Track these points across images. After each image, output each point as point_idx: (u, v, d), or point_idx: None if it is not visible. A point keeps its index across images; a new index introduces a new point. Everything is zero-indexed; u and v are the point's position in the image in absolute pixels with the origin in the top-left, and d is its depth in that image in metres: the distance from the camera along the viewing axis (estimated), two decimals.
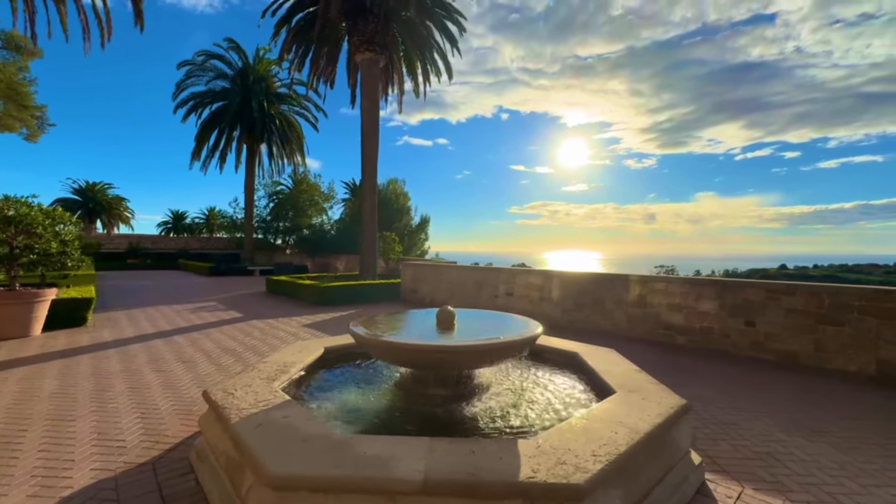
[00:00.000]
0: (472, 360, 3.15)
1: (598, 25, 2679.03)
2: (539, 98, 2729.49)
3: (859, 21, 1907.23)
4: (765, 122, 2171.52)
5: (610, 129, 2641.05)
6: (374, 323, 3.76)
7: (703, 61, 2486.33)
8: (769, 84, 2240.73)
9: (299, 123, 27.53)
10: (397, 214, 27.84)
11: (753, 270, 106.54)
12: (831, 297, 5.52)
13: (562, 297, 8.69)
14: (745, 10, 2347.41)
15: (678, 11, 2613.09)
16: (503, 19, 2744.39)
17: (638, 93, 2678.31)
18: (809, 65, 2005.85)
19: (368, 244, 14.45)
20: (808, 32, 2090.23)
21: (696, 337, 6.76)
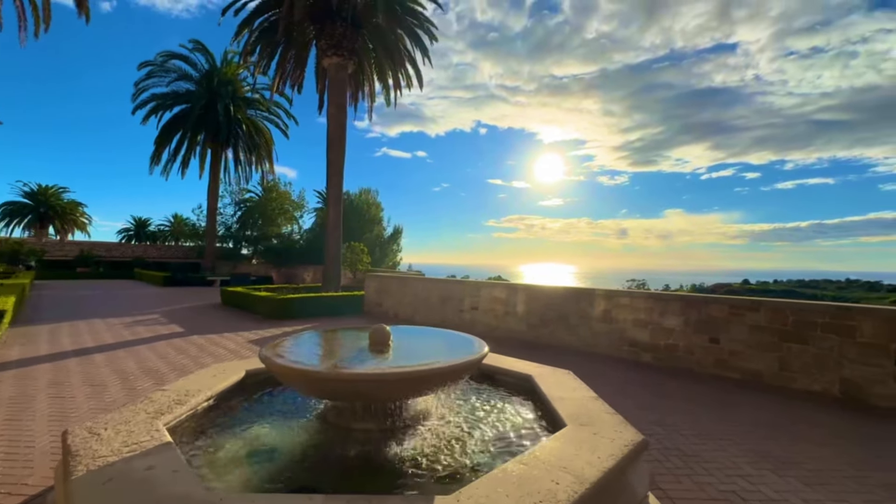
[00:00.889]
0: (398, 391, 2.69)
1: (573, 47, 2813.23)
2: (516, 114, 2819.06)
3: (811, 54, 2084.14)
4: (728, 144, 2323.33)
5: (584, 147, 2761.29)
6: (295, 344, 3.25)
7: (671, 85, 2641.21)
8: (731, 109, 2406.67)
9: (268, 129, 26.70)
10: (368, 225, 27.24)
11: (719, 285, 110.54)
12: (795, 314, 5.36)
13: (527, 311, 8.35)
14: (709, 38, 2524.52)
15: (648, 37, 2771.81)
16: (482, 37, 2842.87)
17: (610, 113, 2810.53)
18: (767, 92, 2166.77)
19: (332, 255, 13.82)
20: (765, 62, 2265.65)
21: (662, 354, 6.51)
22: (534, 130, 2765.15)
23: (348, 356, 3.04)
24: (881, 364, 4.76)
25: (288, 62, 15.65)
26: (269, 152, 26.37)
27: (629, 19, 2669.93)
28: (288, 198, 29.77)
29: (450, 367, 2.72)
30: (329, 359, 3.05)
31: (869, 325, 4.85)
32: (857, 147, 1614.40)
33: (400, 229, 30.13)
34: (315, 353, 3.19)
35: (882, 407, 4.70)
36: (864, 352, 4.86)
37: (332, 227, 13.86)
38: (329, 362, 2.87)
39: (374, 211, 28.28)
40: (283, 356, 2.77)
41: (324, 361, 2.91)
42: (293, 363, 2.66)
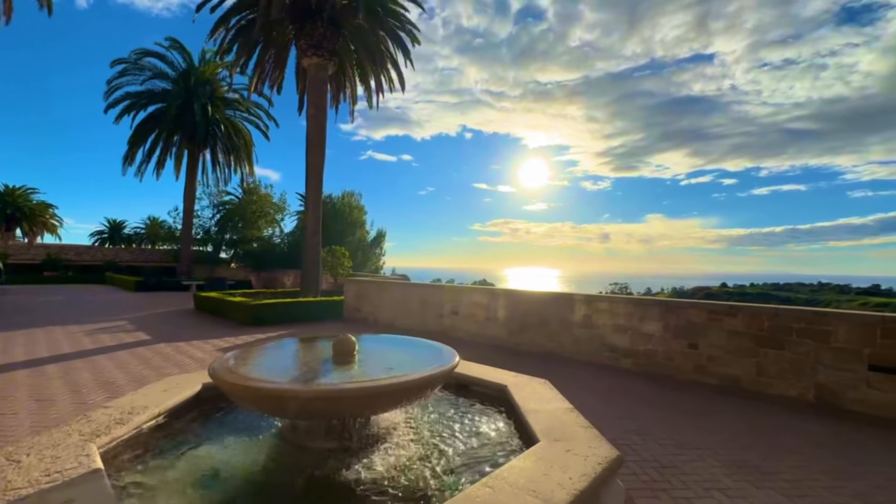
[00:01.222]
0: (359, 407, 2.50)
1: (557, 54, 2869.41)
2: (502, 119, 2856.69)
3: (783, 65, 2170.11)
4: (705, 151, 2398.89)
5: (568, 152, 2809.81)
6: (252, 356, 3.03)
7: (651, 93, 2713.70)
8: (709, 117, 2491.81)
9: (248, 131, 26.13)
10: (350, 228, 26.85)
11: (698, 288, 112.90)
12: (771, 320, 5.36)
13: (507, 317, 8.23)
14: (688, 49, 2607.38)
15: (629, 47, 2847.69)
16: (468, 43, 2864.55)
17: (594, 119, 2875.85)
18: (743, 101, 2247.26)
19: (311, 258, 13.49)
20: (741, 73, 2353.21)
21: (641, 360, 6.45)
22: (519, 135, 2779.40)
23: (308, 369, 2.84)
24: (854, 369, 4.78)
25: (267, 62, 15.31)
26: (248, 154, 25.80)
27: (611, 28, 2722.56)
28: (269, 200, 29.17)
29: (414, 380, 2.54)
30: (286, 373, 2.83)
31: (843, 330, 4.87)
32: (827, 155, 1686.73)
33: (383, 233, 29.83)
34: (272, 367, 2.97)
35: (855, 412, 4.71)
36: (839, 357, 4.88)
37: (312, 230, 13.54)
38: (285, 377, 2.67)
39: (356, 214, 27.90)
40: (234, 370, 2.56)
41: (279, 376, 2.69)
42: (243, 379, 2.44)
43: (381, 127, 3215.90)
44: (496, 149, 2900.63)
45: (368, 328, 10.29)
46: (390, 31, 14.61)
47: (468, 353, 7.60)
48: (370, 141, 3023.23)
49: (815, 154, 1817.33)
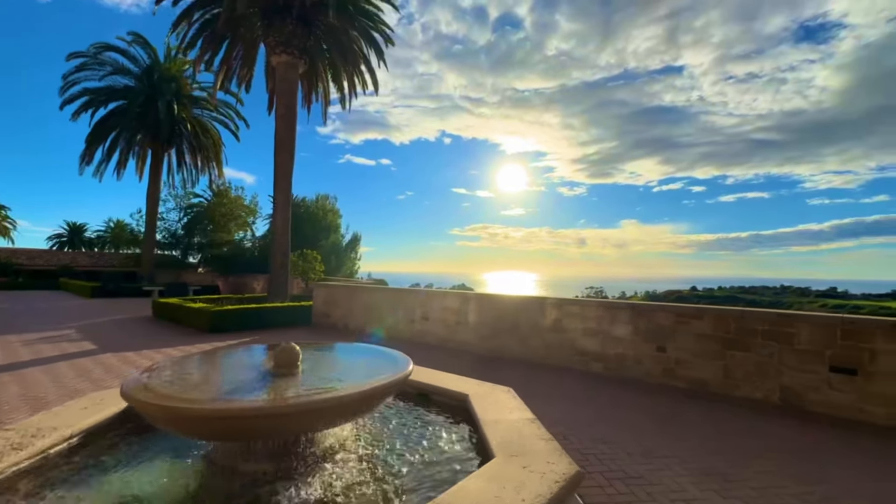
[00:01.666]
0: (294, 425, 2.24)
1: (535, 63, 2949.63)
2: (480, 125, 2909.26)
3: (747, 79, 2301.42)
4: (676, 159, 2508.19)
5: (545, 158, 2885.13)
6: (180, 368, 2.73)
7: (624, 102, 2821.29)
8: (679, 126, 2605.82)
9: (217, 131, 25.27)
10: (324, 232, 26.27)
11: (670, 291, 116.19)
12: (737, 322, 5.36)
13: (478, 321, 8.05)
14: (659, 60, 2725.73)
15: (603, 57, 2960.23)
16: (447, 49, 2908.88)
17: (570, 126, 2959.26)
18: (710, 112, 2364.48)
19: (279, 262, 13.00)
20: (708, 85, 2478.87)
21: (612, 364, 6.37)
22: (497, 141, 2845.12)
23: (242, 383, 2.55)
24: (817, 370, 4.80)
25: (234, 59, 14.79)
26: (217, 154, 24.92)
27: (586, 39, 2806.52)
28: (240, 203, 28.29)
29: (356, 394, 2.30)
30: (212, 388, 2.54)
31: (806, 332, 4.89)
32: (788, 165, 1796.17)
33: (358, 237, 29.36)
34: (197, 381, 2.66)
35: (817, 413, 4.73)
36: (802, 358, 4.90)
37: (280, 233, 13.06)
38: (208, 394, 2.38)
39: (330, 217, 27.33)
40: (149, 387, 2.26)
41: (202, 392, 2.40)
42: (155, 396, 2.15)
43: (360, 130, 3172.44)
44: (475, 154, 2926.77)
45: (337, 334, 9.93)
46: (363, 31, 14.35)
47: (437, 359, 7.39)
48: (348, 144, 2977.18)
49: (777, 163, 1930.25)
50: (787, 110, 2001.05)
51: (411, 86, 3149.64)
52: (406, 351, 3.37)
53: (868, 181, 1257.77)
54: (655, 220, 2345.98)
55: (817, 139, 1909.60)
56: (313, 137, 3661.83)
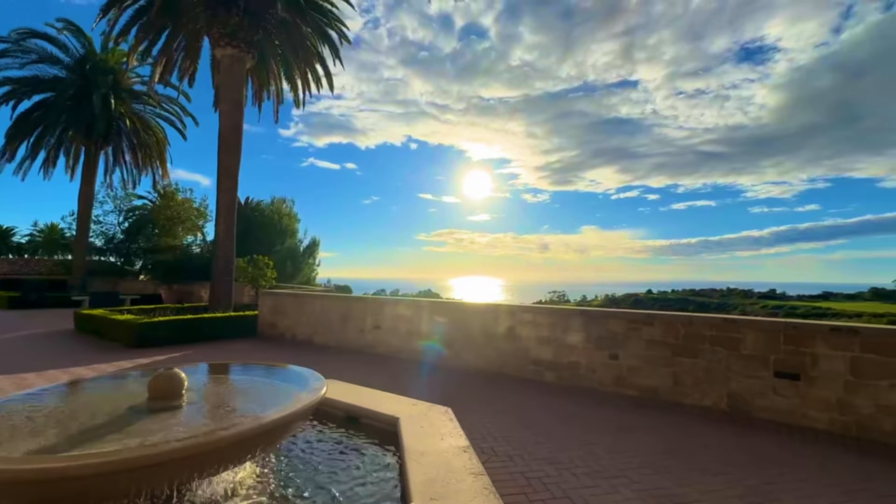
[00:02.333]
0: (150, 480, 1.76)
1: (499, 72, 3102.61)
2: (446, 131, 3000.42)
3: (696, 94, 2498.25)
4: (632, 168, 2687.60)
5: (510, 166, 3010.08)
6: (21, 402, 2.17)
7: (584, 113, 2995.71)
8: (635, 137, 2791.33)
9: (162, 128, 23.57)
10: (280, 236, 25.11)
11: (628, 294, 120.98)
12: (685, 327, 5.29)
13: (432, 331, 7.68)
14: (616, 74, 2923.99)
15: (565, 69, 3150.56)
16: (413, 55, 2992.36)
17: (533, 135, 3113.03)
18: (663, 125, 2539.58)
19: (222, 269, 12.09)
20: (661, 99, 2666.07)
21: (565, 373, 6.18)
22: (463, 148, 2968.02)
23: (96, 424, 2.04)
24: (762, 376, 4.78)
25: (175, 50, 13.75)
26: (160, 153, 23.24)
27: (549, 51, 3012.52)
28: (189, 205, 26.53)
29: (251, 431, 1.87)
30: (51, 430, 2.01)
31: (751, 337, 4.87)
32: (732, 175, 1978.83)
33: (317, 241, 28.30)
34: (39, 423, 2.11)
35: (763, 419, 4.69)
36: (748, 364, 4.86)
37: (223, 237, 12.16)
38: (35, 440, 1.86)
39: (287, 221, 26.16)
40: None
41: (32, 438, 1.88)
42: None
43: (324, 134, 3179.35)
44: (441, 160, 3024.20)
45: (284, 346, 9.25)
46: (316, 27, 13.75)
47: (386, 371, 6.94)
48: (312, 148, 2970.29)
49: (722, 173, 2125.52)
50: (730, 125, 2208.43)
51: (377, 90, 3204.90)
52: (355, 362, 2.96)
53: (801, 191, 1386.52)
54: (614, 227, 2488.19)
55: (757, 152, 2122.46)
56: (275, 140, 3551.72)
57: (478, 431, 4.21)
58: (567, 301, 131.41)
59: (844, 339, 4.35)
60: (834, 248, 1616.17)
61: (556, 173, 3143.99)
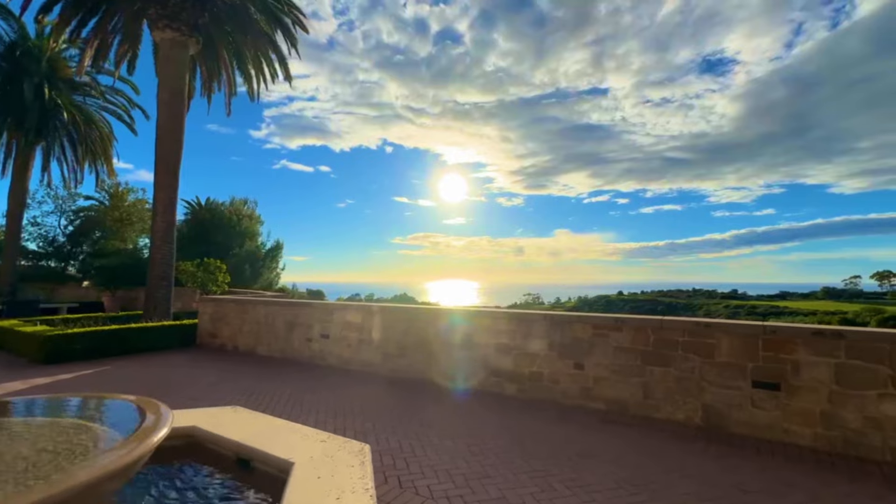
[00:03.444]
0: None
1: (474, 77, 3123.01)
2: (422, 135, 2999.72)
3: (662, 103, 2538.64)
4: (603, 173, 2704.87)
5: (485, 170, 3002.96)
6: None
7: (557, 119, 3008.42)
8: (605, 143, 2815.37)
9: (108, 122, 21.82)
10: (239, 238, 23.70)
11: (600, 296, 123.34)
12: (656, 333, 4.76)
13: (384, 338, 6.93)
14: (586, 82, 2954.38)
15: (538, 76, 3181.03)
16: (388, 58, 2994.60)
17: (507, 139, 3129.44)
18: (631, 131, 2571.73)
19: (158, 273, 10.92)
20: (629, 107, 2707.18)
21: (526, 384, 5.56)
22: (438, 151, 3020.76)
23: None
24: (739, 386, 4.28)
25: (110, 33, 12.47)
26: (105, 150, 21.49)
27: (522, 58, 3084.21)
28: (141, 206, 24.77)
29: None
30: None
31: (726, 343, 4.38)
32: (696, 181, 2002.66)
33: (280, 244, 26.92)
34: None
35: (742, 435, 4.20)
36: (723, 373, 4.37)
37: (161, 239, 10.99)
38: None
39: (247, 223, 24.75)
40: None
41: None
42: None
43: (297, 136, 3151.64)
44: (417, 163, 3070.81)
45: (222, 358, 8.27)
46: (267, 11, 12.78)
47: (331, 385, 6.15)
48: (284, 150, 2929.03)
49: (687, 179, 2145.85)
50: (694, 132, 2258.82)
51: (352, 92, 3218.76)
52: (296, 378, 2.36)
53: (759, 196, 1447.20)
54: (586, 230, 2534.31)
55: (719, 159, 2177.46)
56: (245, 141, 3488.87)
57: (416, 464, 3.51)
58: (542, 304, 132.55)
59: (828, 344, 3.90)
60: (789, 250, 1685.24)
61: (530, 177, 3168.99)
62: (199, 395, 5.66)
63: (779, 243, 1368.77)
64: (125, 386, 6.15)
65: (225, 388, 5.91)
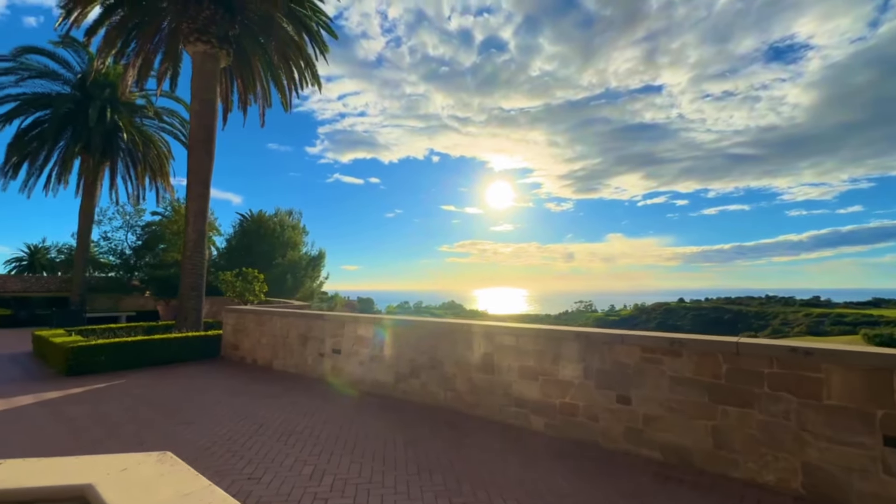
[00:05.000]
0: None
1: (519, 83, 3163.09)
2: (468, 143, 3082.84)
3: (723, 97, 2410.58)
4: (658, 174, 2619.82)
5: (532, 175, 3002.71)
6: None
7: (607, 120, 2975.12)
8: (660, 143, 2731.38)
9: (166, 141, 23.26)
10: (281, 248, 24.19)
11: (658, 304, 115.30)
12: (730, 361, 3.54)
13: (396, 355, 6.13)
14: (638, 80, 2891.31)
15: (585, 77, 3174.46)
16: (434, 70, 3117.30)
17: (555, 144, 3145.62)
18: (689, 129, 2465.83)
19: (189, 283, 10.93)
20: (686, 103, 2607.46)
21: (557, 419, 4.49)
22: (484, 159, 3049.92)
23: None
24: (861, 442, 2.99)
25: (150, 52, 12.96)
26: (162, 168, 22.86)
27: (568, 61, 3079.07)
28: None
29: None
30: None
31: (839, 379, 3.09)
32: (766, 178, 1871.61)
33: (322, 253, 27.23)
34: None
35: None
36: (835, 421, 3.09)
37: (192, 249, 11.03)
38: None
39: (290, 233, 25.27)
40: None
41: None
42: None
43: (349, 150, 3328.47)
44: (463, 171, 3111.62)
45: (238, 372, 7.90)
46: (295, 19, 12.69)
47: (337, 410, 5.43)
48: (337, 164, 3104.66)
49: (755, 177, 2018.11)
50: (762, 126, 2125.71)
51: (399, 106, 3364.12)
52: (306, 396, 1.75)
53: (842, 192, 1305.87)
54: (641, 234, 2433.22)
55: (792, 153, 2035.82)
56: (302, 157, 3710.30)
57: None
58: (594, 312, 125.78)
59: None
60: (881, 252, 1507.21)
61: (579, 181, 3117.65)
62: (193, 417, 5.16)
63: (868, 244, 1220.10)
64: (126, 402, 5.82)
65: (219, 413, 5.36)
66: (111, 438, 4.40)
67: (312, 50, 13.29)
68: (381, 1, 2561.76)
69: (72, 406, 5.65)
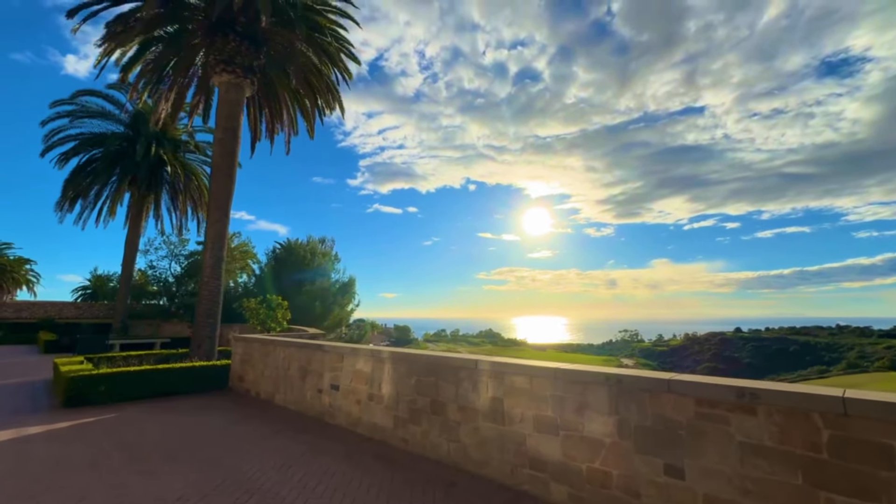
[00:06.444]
0: None
1: (555, 111, 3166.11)
2: (504, 171, 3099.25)
3: (773, 115, 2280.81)
4: (705, 196, 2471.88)
5: (570, 201, 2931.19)
6: None
7: (647, 143, 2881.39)
8: (705, 164, 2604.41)
9: (207, 172, 24.39)
10: (310, 276, 24.20)
11: (712, 333, 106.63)
12: (833, 425, 2.43)
13: (394, 394, 5.27)
14: (678, 102, 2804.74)
15: (623, 102, 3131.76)
16: (470, 103, 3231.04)
17: (593, 169, 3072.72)
18: (737, 149, 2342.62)
19: (203, 310, 10.70)
20: (732, 122, 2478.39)
21: (585, 490, 3.42)
22: (521, 186, 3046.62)
23: None
24: None
25: (184, 86, 13.47)
26: (202, 198, 23.82)
27: (604, 87, 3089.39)
28: (244, 248, 27.01)
29: None
30: None
31: None
32: (827, 197, 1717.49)
33: (353, 280, 27.06)
34: None
35: None
36: None
37: (209, 275, 10.87)
38: None
39: (321, 260, 25.36)
40: None
41: None
42: None
43: (388, 181, 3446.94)
44: (499, 199, 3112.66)
45: (238, 407, 7.30)
46: (321, 48, 12.81)
47: (322, 463, 4.57)
48: (377, 195, 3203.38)
49: (814, 196, 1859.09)
50: (818, 143, 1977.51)
51: (436, 137, 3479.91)
52: (293, 440, 1.32)
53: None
54: (689, 259, 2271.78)
55: (856, 171, 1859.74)
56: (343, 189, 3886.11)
57: None
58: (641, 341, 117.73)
59: None
60: None
61: (619, 206, 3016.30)
62: (157, 464, 4.51)
63: None
64: (101, 444, 5.29)
65: (185, 459, 4.68)
66: (49, 492, 3.78)
67: (336, 76, 13.33)
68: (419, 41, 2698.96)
69: (41, 445, 5.18)
